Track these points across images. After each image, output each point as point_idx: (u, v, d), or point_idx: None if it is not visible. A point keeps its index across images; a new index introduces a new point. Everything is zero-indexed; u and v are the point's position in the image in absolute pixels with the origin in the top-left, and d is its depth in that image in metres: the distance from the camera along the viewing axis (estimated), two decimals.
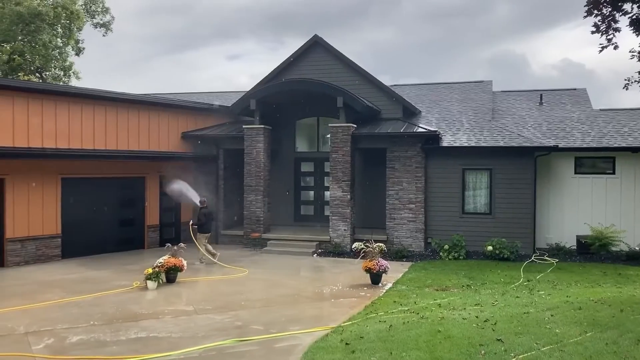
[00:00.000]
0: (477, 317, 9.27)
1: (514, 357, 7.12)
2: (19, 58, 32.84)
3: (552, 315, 9.13)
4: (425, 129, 18.32)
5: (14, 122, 15.25)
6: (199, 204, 16.95)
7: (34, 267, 15.52)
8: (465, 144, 17.97)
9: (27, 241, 15.90)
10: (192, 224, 16.43)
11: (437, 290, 12.85)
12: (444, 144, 18.24)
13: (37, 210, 16.06)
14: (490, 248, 16.94)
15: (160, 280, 13.19)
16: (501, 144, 17.68)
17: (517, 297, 11.53)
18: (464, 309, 10.24)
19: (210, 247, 16.62)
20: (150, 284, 12.92)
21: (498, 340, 7.81)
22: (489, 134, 18.70)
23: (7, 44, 32.84)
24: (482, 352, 7.37)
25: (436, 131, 18.19)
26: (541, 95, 23.86)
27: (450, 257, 17.08)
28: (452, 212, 18.13)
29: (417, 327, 8.78)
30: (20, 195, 15.70)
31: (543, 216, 18.64)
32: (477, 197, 18.10)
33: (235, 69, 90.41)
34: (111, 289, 12.89)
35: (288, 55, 20.90)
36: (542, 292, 12.03)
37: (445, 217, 18.17)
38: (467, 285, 13.37)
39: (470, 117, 20.86)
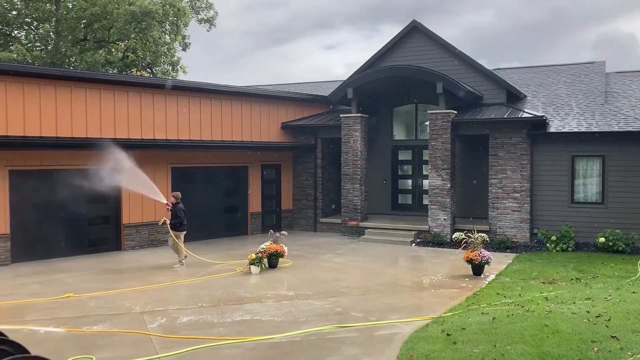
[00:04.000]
0: (588, 312, 8.77)
1: (632, 356, 6.66)
2: (132, 55, 35.03)
3: None
4: (531, 114, 17.47)
5: (128, 115, 16.34)
6: (167, 201, 15.11)
7: (146, 251, 16.62)
8: (575, 130, 16.93)
9: (141, 227, 17.03)
10: (168, 222, 14.61)
11: (544, 283, 12.29)
12: (552, 129, 17.29)
13: (149, 198, 17.09)
14: (602, 240, 15.92)
15: (263, 266, 13.68)
16: (615, 128, 16.48)
17: (634, 292, 10.75)
18: (574, 303, 9.71)
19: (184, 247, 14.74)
20: (254, 269, 13.43)
21: (612, 337, 7.33)
22: (601, 118, 17.50)
23: (121, 42, 35.12)
24: (595, 349, 6.96)
25: (543, 116, 17.30)
26: None
27: (557, 248, 16.27)
28: (560, 202, 17.19)
29: (522, 320, 8.45)
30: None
31: None
32: (588, 185, 17.04)
33: (332, 59, 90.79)
34: (217, 272, 13.53)
35: (384, 43, 20.72)
36: None
37: (553, 206, 17.27)
38: (577, 278, 12.66)
39: (580, 100, 19.62)
